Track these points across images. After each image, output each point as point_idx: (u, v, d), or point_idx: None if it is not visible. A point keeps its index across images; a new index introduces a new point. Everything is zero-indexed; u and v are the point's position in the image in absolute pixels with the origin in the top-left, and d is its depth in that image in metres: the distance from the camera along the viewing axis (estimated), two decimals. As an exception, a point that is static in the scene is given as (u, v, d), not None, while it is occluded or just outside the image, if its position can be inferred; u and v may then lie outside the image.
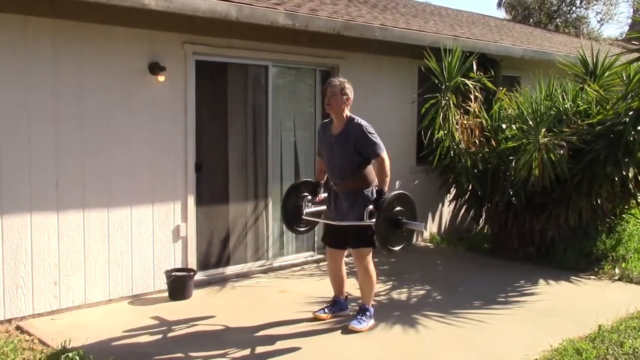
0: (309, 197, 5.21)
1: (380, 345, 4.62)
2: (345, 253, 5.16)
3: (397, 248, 4.71)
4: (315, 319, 5.10)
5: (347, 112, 4.81)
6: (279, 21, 5.89)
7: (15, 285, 4.95)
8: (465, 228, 8.67)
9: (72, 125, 5.18)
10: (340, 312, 5.19)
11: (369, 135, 4.74)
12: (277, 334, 4.81)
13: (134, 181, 5.57)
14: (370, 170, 4.87)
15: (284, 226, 5.26)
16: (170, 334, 4.78)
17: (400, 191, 4.82)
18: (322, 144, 5.06)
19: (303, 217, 5.23)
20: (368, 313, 4.95)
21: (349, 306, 5.24)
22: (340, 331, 4.88)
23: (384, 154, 4.74)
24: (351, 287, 5.46)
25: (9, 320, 4.93)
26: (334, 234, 5.04)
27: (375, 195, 4.78)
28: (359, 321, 4.88)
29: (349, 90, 4.80)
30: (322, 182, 5.21)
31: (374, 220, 4.67)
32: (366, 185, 4.82)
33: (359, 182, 4.80)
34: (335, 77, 4.78)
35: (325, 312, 5.13)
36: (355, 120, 4.80)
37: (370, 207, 4.72)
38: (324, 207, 5.26)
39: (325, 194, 5.19)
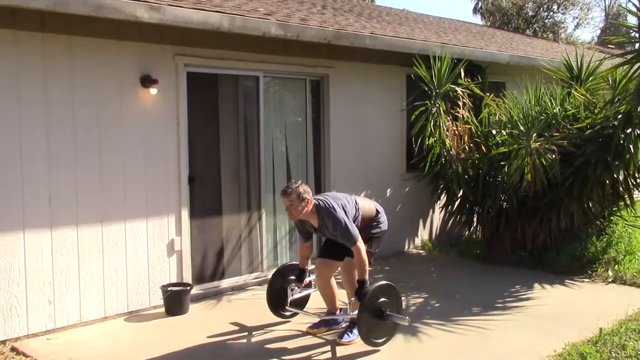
0: (295, 284, 5.14)
1: (384, 355, 4.59)
2: (333, 271, 5.05)
3: (380, 341, 4.65)
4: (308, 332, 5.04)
5: (310, 208, 4.64)
6: (271, 31, 5.86)
7: (9, 305, 4.84)
8: (456, 234, 8.70)
9: (65, 140, 5.10)
10: (335, 325, 5.11)
11: (341, 230, 4.57)
12: (277, 348, 4.77)
13: (127, 195, 5.49)
14: (364, 209, 4.90)
15: (269, 309, 5.18)
16: (170, 351, 4.70)
17: (385, 282, 4.75)
18: (304, 230, 4.94)
19: (287, 307, 5.20)
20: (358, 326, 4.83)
21: (343, 320, 5.14)
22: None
23: (359, 243, 4.57)
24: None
25: (4, 342, 4.81)
26: (329, 245, 4.96)
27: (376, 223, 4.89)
28: (347, 334, 4.83)
29: (305, 192, 4.59)
30: (307, 267, 5.10)
31: (356, 312, 4.65)
32: (365, 223, 4.89)
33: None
34: (290, 186, 4.58)
35: (318, 327, 5.06)
36: (322, 211, 4.63)
37: (353, 298, 4.67)
38: (310, 291, 5.32)
39: (311, 277, 5.18)
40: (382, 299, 4.62)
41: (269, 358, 4.57)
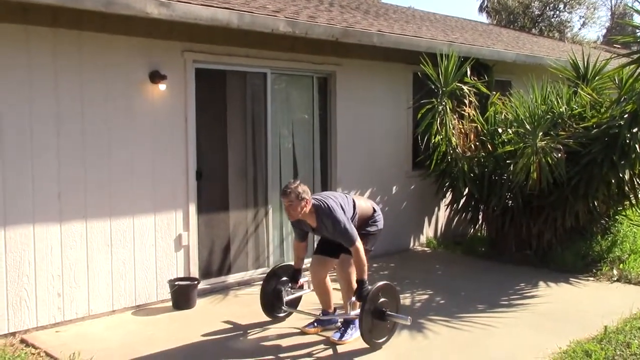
0: (289, 285, 5.13)
1: (390, 351, 4.62)
2: (328, 270, 5.03)
3: (380, 341, 4.66)
4: (304, 332, 5.02)
5: (309, 208, 4.63)
6: (279, 28, 5.89)
7: (19, 297, 4.89)
8: (461, 232, 8.73)
9: (74, 135, 5.14)
10: (331, 325, 5.06)
11: (339, 230, 4.57)
12: (284, 344, 4.80)
13: (135, 190, 5.53)
14: (362, 211, 4.91)
15: (262, 310, 5.18)
16: (178, 345, 4.74)
17: (384, 282, 4.76)
18: (301, 230, 4.95)
19: (283, 307, 5.19)
20: (352, 325, 4.84)
21: (339, 319, 5.08)
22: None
23: (358, 243, 4.57)
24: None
25: (13, 334, 4.86)
26: (325, 243, 4.95)
27: (373, 221, 4.92)
28: (345, 333, 4.81)
29: (304, 192, 4.58)
30: (301, 268, 5.09)
31: (355, 312, 4.68)
32: (361, 223, 4.89)
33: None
34: (289, 186, 4.57)
35: (314, 326, 5.04)
36: (321, 211, 4.63)
37: (353, 298, 4.69)
38: (305, 291, 5.32)
39: (306, 279, 5.19)
40: (383, 299, 4.64)
41: (278, 353, 4.61)
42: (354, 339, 4.76)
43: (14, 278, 4.86)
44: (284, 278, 5.19)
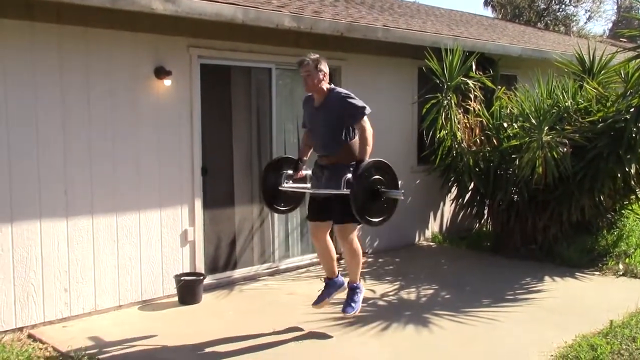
0: (289, 173, 4.97)
1: (395, 346, 4.64)
2: (328, 230, 4.89)
3: (376, 220, 4.47)
4: (322, 309, 5.02)
5: (325, 86, 4.63)
6: (284, 23, 5.89)
7: (26, 293, 4.92)
8: (467, 227, 8.72)
9: (80, 130, 5.16)
10: (337, 290, 4.96)
11: (349, 100, 4.54)
12: (290, 337, 4.80)
13: (141, 186, 5.55)
14: (356, 144, 4.66)
15: (264, 206, 4.95)
16: (185, 340, 4.75)
17: (379, 159, 4.50)
18: (306, 115, 4.92)
19: (280, 188, 4.98)
20: (358, 291, 4.83)
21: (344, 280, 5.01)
22: (354, 331, 4.89)
23: (366, 122, 4.50)
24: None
25: (21, 329, 4.89)
26: (316, 206, 4.83)
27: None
28: (351, 306, 4.78)
29: (324, 64, 4.59)
30: (306, 158, 4.97)
31: (349, 189, 4.40)
32: (351, 158, 4.57)
33: (343, 156, 4.60)
34: (308, 56, 4.54)
35: (321, 300, 4.94)
36: (336, 90, 4.65)
37: (349, 175, 4.46)
38: (305, 185, 5.03)
39: (308, 171, 5.00)
40: (377, 176, 4.40)
41: (285, 346, 4.62)
42: (360, 306, 4.80)
43: (21, 273, 4.89)
44: (285, 170, 5.02)
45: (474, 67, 7.78)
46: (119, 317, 5.31)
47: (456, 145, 7.55)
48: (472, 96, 7.74)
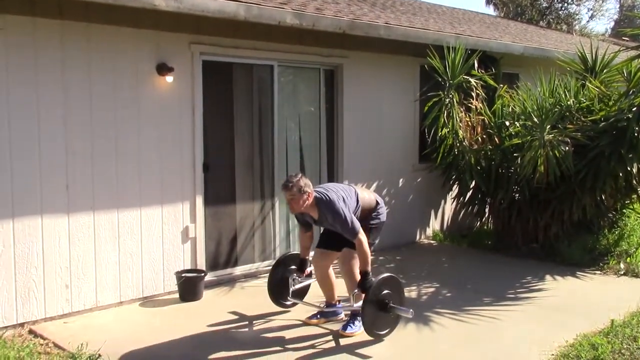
0: (296, 274, 5.11)
1: (396, 344, 4.63)
2: (332, 262, 5.02)
3: (383, 332, 4.67)
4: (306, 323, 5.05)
5: (311, 201, 4.64)
6: (286, 20, 5.88)
7: (27, 289, 4.92)
8: (468, 225, 8.72)
9: (82, 127, 5.15)
10: (334, 317, 5.09)
11: (340, 217, 4.56)
12: (291, 336, 4.81)
13: (142, 182, 5.55)
14: (363, 200, 4.88)
15: (270, 299, 5.20)
16: (184, 336, 4.76)
17: (388, 274, 4.77)
18: (306, 222, 4.96)
19: (289, 297, 5.19)
20: (358, 317, 4.81)
21: (342, 311, 5.13)
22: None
23: (360, 235, 4.57)
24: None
25: (22, 324, 4.89)
26: (327, 236, 4.95)
27: (376, 213, 4.91)
28: (350, 326, 4.82)
29: (306, 185, 4.59)
30: (308, 257, 5.09)
31: (360, 303, 4.62)
32: (369, 212, 4.92)
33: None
34: (291, 180, 4.57)
35: (317, 318, 5.07)
36: (324, 201, 4.63)
37: (356, 290, 4.66)
38: (311, 281, 5.29)
39: (312, 268, 5.16)
40: (386, 291, 4.64)
41: (286, 344, 4.63)
42: (361, 331, 4.75)
43: (22, 269, 4.89)
44: (292, 267, 5.20)
45: (476, 65, 7.76)
46: (119, 313, 5.31)
47: (458, 144, 7.54)
48: (474, 94, 7.73)
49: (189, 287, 5.64)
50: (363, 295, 4.63)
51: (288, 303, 5.31)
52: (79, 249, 5.20)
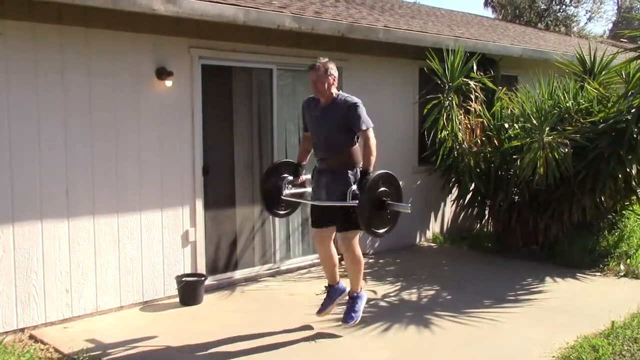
0: (290, 179, 4.97)
1: (396, 347, 4.63)
2: (333, 236, 4.87)
3: (381, 231, 4.53)
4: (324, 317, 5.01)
5: (334, 91, 4.66)
6: (285, 24, 5.89)
7: (27, 294, 4.92)
8: (468, 227, 8.72)
9: (81, 132, 5.16)
10: (340, 296, 4.96)
11: (356, 108, 4.56)
12: (291, 339, 4.80)
13: (142, 186, 5.55)
14: (357, 150, 4.71)
15: (264, 209, 4.96)
16: (184, 341, 4.76)
17: (385, 171, 4.56)
18: (307, 119, 4.89)
19: (282, 197, 4.96)
20: (359, 300, 4.82)
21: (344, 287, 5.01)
22: (356, 332, 4.88)
23: (370, 131, 4.54)
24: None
25: (22, 330, 4.89)
26: (318, 213, 4.82)
27: (359, 176, 4.59)
28: (352, 316, 4.78)
29: (333, 69, 4.61)
30: (304, 162, 5.00)
31: (356, 201, 4.41)
32: (351, 164, 4.64)
33: (344, 160, 4.64)
34: (319, 61, 4.56)
35: (325, 309, 4.95)
36: (343, 97, 4.66)
37: (354, 187, 4.50)
38: (305, 189, 5.07)
39: (307, 176, 5.00)
40: (383, 188, 4.45)
41: (286, 348, 4.62)
42: (361, 315, 4.77)
43: (22, 274, 4.89)
44: (285, 175, 5.01)
45: (475, 67, 7.78)
46: (120, 317, 5.31)
47: (457, 146, 7.55)
48: (473, 97, 7.74)
49: (189, 291, 5.64)
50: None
51: (281, 212, 5.16)
52: (79, 254, 5.19)
